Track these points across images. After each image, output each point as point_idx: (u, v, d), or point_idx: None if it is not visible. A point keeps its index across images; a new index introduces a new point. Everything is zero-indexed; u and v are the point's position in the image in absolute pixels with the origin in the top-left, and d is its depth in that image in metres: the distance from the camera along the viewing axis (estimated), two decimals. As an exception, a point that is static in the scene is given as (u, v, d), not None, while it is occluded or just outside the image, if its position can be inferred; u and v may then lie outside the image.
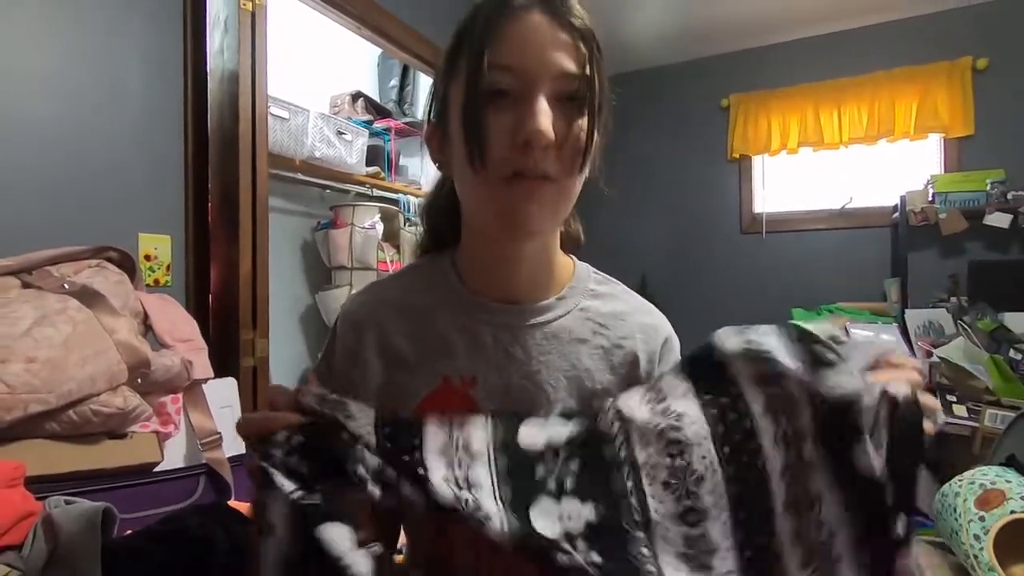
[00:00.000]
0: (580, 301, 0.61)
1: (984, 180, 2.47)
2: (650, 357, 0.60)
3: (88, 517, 0.52)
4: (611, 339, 0.60)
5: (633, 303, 0.64)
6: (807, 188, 3.08)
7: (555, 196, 0.52)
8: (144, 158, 1.33)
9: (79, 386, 0.87)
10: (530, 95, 0.49)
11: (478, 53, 0.49)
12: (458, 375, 0.57)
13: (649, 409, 0.48)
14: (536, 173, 0.50)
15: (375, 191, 2.57)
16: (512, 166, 0.50)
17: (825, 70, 2.92)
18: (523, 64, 0.49)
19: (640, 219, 3.28)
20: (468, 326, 0.58)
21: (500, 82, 0.49)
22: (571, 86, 0.50)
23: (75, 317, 0.91)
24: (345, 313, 0.62)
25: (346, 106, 2.61)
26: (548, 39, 0.49)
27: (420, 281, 0.63)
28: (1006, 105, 2.58)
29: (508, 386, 0.56)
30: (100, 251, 1.08)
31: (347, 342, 0.60)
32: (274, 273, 1.64)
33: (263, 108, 1.47)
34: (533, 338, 0.58)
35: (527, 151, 0.49)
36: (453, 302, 0.60)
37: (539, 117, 0.48)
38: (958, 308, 2.44)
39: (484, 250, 0.59)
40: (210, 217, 1.46)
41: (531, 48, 0.49)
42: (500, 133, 0.49)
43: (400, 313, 0.60)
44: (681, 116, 3.31)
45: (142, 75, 1.33)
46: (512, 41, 0.49)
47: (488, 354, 0.57)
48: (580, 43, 0.50)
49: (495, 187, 0.51)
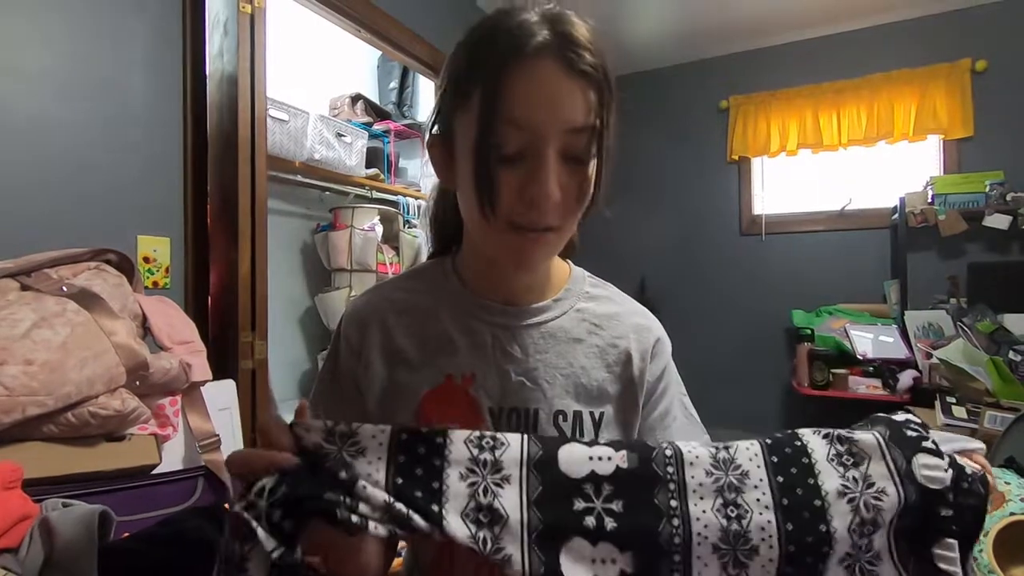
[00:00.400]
0: (576, 303, 0.63)
1: (983, 182, 2.47)
2: (642, 356, 0.61)
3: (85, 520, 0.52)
4: (606, 339, 0.62)
5: (627, 305, 0.66)
6: (806, 190, 3.08)
7: (557, 241, 0.54)
8: (143, 160, 1.34)
9: (77, 388, 0.87)
10: (539, 153, 0.49)
11: (489, 108, 0.48)
12: (459, 373, 0.58)
13: (710, 457, 0.44)
14: (540, 227, 0.51)
15: (374, 193, 2.57)
16: (518, 220, 0.51)
17: (824, 72, 2.92)
18: (532, 120, 0.48)
19: (639, 221, 3.28)
20: (469, 326, 0.60)
21: (510, 138, 0.49)
22: (580, 141, 0.49)
23: (73, 319, 0.91)
24: (349, 313, 0.64)
25: (346, 108, 2.61)
26: (558, 90, 0.48)
27: (423, 283, 0.65)
28: (1005, 106, 2.59)
29: (506, 383, 0.58)
30: (99, 253, 1.08)
31: (352, 341, 0.62)
32: (273, 275, 1.64)
33: (262, 110, 1.47)
34: (531, 337, 0.60)
35: (533, 207, 0.50)
36: (455, 303, 0.62)
37: (547, 182, 0.48)
38: (957, 310, 2.44)
39: (484, 260, 0.61)
40: (209, 219, 1.46)
41: (541, 102, 0.48)
42: (509, 189, 0.50)
43: (403, 313, 0.62)
44: (680, 118, 3.31)
45: (142, 77, 1.33)
46: (522, 94, 0.48)
47: (487, 352, 0.59)
48: (591, 91, 0.49)
49: (501, 232, 0.52)
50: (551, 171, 0.49)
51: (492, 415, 0.58)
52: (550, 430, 0.57)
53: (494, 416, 0.58)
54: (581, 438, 0.47)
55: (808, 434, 0.46)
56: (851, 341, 2.59)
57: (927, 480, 0.42)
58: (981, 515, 0.42)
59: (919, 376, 2.35)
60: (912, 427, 0.45)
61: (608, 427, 0.59)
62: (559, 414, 0.58)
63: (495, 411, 0.58)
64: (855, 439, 0.44)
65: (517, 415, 0.57)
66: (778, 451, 0.44)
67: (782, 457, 0.44)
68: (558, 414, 0.57)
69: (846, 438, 0.44)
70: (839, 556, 0.41)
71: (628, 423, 0.60)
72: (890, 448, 0.43)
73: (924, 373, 2.31)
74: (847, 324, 2.67)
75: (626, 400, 0.60)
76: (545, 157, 0.49)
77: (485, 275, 0.62)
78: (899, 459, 0.43)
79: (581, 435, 0.58)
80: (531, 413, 0.57)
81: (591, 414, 0.58)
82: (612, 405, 0.60)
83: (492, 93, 0.48)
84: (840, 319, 2.73)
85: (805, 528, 0.41)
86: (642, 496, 0.42)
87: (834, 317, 2.77)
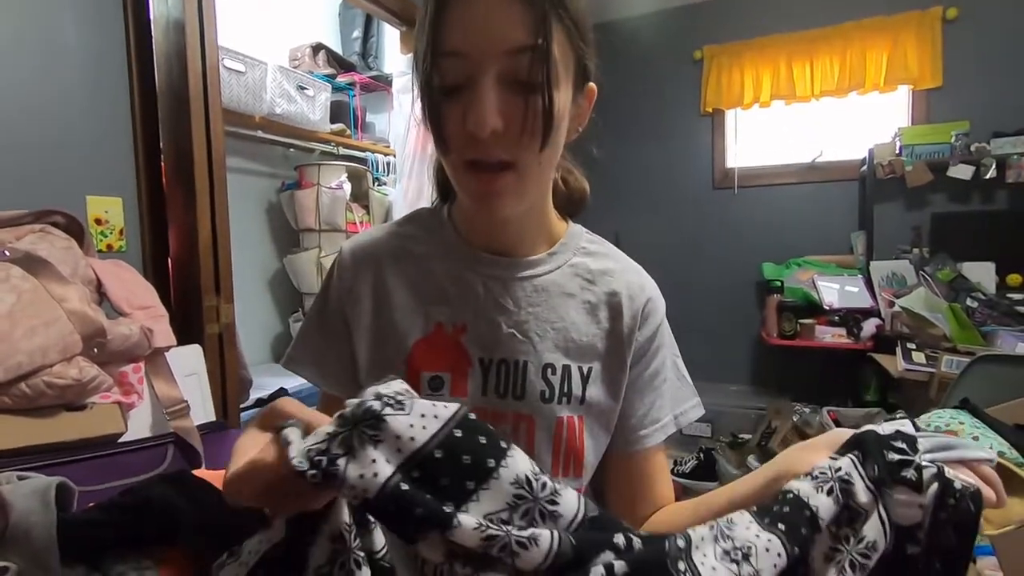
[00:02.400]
0: (571, 258, 0.63)
1: (949, 132, 2.50)
2: (633, 314, 0.61)
3: (40, 491, 0.50)
4: (598, 295, 0.62)
5: (622, 262, 0.66)
6: (778, 143, 3.08)
7: (517, 182, 0.52)
8: (87, 116, 1.25)
9: (29, 358, 0.83)
10: (474, 82, 0.47)
11: (427, 41, 0.48)
12: (450, 322, 0.59)
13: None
14: (492, 160, 0.49)
15: (341, 150, 2.48)
16: (466, 155, 0.50)
17: (798, 20, 2.87)
18: (466, 46, 0.47)
19: (612, 175, 3.25)
20: (461, 275, 0.60)
21: (448, 69, 0.48)
22: (522, 63, 0.47)
23: (19, 286, 0.86)
24: (343, 252, 0.64)
25: (307, 59, 2.48)
26: (497, 13, 0.46)
27: (418, 229, 0.65)
28: (974, 55, 2.59)
29: (497, 334, 0.58)
30: (43, 215, 1.02)
31: (344, 278, 0.62)
32: (240, 237, 1.58)
33: (214, 59, 1.38)
34: (523, 290, 0.60)
35: (477, 140, 0.48)
36: (448, 252, 0.62)
37: (479, 108, 0.46)
38: (920, 259, 2.51)
39: (471, 208, 0.60)
40: (164, 178, 1.39)
41: (475, 27, 0.46)
42: (454, 122, 0.49)
43: (397, 257, 0.62)
44: (654, 69, 3.24)
45: (77, 26, 1.23)
46: (456, 21, 0.47)
47: (479, 303, 0.59)
48: (532, 9, 0.46)
49: (460, 172, 0.52)
50: (485, 96, 0.47)
51: (482, 365, 0.58)
52: (538, 383, 0.57)
53: (484, 366, 0.58)
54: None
55: (812, 494, 0.40)
56: (818, 292, 2.65)
57: (899, 517, 0.40)
58: (969, 534, 0.40)
59: (881, 324, 2.43)
60: (897, 446, 0.41)
61: (595, 383, 0.59)
62: (548, 367, 0.58)
63: (484, 361, 0.58)
64: (855, 497, 0.40)
65: (506, 366, 0.58)
66: (770, 512, 0.40)
67: (776, 515, 0.39)
68: (547, 367, 0.58)
69: (848, 493, 0.40)
70: None
71: (615, 380, 0.60)
72: (878, 489, 0.40)
73: (887, 321, 2.39)
74: (815, 275, 2.73)
75: (614, 357, 0.60)
76: (481, 84, 0.47)
77: (474, 223, 0.61)
78: (885, 498, 0.40)
79: (568, 389, 0.58)
80: (520, 365, 0.57)
81: (579, 368, 0.59)
82: (600, 361, 0.60)
83: (431, 26, 0.47)
84: (808, 270, 2.79)
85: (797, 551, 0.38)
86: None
87: (803, 269, 2.82)
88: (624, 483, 0.62)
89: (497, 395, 0.57)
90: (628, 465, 0.62)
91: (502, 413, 0.57)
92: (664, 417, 0.62)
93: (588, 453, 0.58)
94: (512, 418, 0.57)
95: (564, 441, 0.57)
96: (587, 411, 0.59)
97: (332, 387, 0.62)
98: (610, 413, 0.60)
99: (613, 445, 0.62)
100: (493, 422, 0.56)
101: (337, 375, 0.62)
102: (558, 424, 0.57)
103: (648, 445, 0.61)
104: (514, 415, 0.57)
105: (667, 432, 0.62)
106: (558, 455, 0.57)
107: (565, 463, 0.57)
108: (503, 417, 0.57)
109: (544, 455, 0.57)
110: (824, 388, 2.69)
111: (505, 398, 0.57)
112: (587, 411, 0.59)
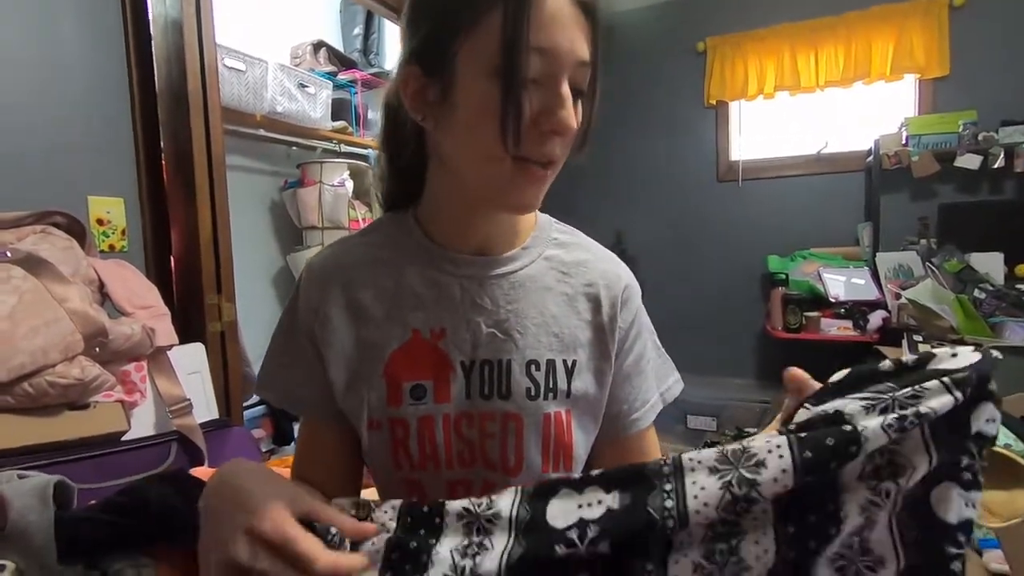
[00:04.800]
0: (544, 250, 0.62)
1: (957, 122, 2.46)
2: (612, 302, 0.61)
3: (38, 490, 0.51)
4: (574, 286, 0.61)
5: (595, 251, 0.65)
6: (783, 134, 3.05)
7: (551, 179, 0.54)
8: (88, 117, 1.25)
9: (31, 358, 0.84)
10: (556, 83, 0.49)
11: (515, 31, 0.47)
12: (427, 328, 0.57)
13: (716, 454, 0.40)
14: (545, 159, 0.51)
15: (343, 147, 2.48)
16: (527, 152, 0.50)
17: (802, 9, 2.84)
18: (554, 47, 0.48)
19: (614, 170, 3.23)
20: (435, 279, 0.59)
21: (532, 66, 0.48)
22: (584, 75, 0.50)
23: (21, 286, 0.87)
24: (309, 268, 0.62)
25: (308, 57, 2.48)
26: (573, 22, 0.48)
27: (384, 237, 0.63)
28: (982, 43, 2.56)
29: (477, 336, 0.57)
30: (44, 216, 1.02)
31: (311, 298, 0.60)
32: (243, 235, 1.59)
33: (212, 59, 1.38)
34: (500, 287, 0.59)
35: (548, 138, 0.50)
36: (419, 256, 0.60)
37: (568, 108, 0.49)
38: (927, 250, 2.49)
39: (453, 207, 0.59)
40: (165, 178, 1.40)
41: (562, 30, 0.48)
42: (530, 115, 0.49)
43: (366, 268, 0.60)
44: (657, 61, 3.22)
45: (77, 29, 1.23)
46: (547, 20, 0.47)
47: (456, 305, 0.58)
48: (593, 27, 0.50)
49: (505, 168, 0.51)
50: (569, 98, 0.49)
51: (464, 368, 0.57)
52: (523, 380, 0.56)
53: (465, 369, 0.57)
54: (573, 485, 0.43)
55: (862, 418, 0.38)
56: (824, 284, 2.63)
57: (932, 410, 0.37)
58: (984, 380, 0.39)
59: (888, 316, 2.41)
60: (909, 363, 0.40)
61: (581, 374, 0.59)
62: (531, 364, 0.57)
63: (467, 364, 0.57)
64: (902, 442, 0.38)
65: (490, 367, 0.57)
66: (815, 444, 0.37)
67: (818, 449, 0.37)
68: (531, 364, 0.57)
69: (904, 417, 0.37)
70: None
71: (600, 370, 0.60)
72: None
73: (893, 313, 2.37)
74: (820, 267, 2.71)
75: (597, 347, 0.60)
76: (562, 86, 0.49)
77: (458, 223, 0.59)
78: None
79: (554, 384, 0.57)
80: (504, 364, 0.57)
81: (564, 362, 0.58)
82: (584, 352, 0.59)
83: (518, 17, 0.47)
84: (813, 263, 2.77)
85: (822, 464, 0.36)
86: (632, 530, 0.39)
87: (808, 261, 2.80)
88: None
89: (482, 397, 0.56)
90: (622, 451, 0.62)
91: (489, 414, 0.56)
92: (652, 397, 0.63)
93: (578, 447, 0.58)
94: (499, 418, 0.56)
95: (553, 437, 0.57)
96: (574, 404, 0.58)
97: (304, 412, 0.61)
98: (597, 403, 0.60)
99: (604, 434, 0.62)
100: (480, 424, 0.56)
101: (309, 399, 0.60)
102: (546, 420, 0.56)
103: (641, 427, 0.62)
104: (501, 415, 0.56)
105: (656, 410, 0.63)
106: (547, 451, 0.57)
107: (555, 459, 0.57)
108: (490, 418, 0.56)
109: (533, 453, 0.56)
110: (830, 381, 2.67)
111: (491, 399, 0.56)
112: (574, 404, 0.58)
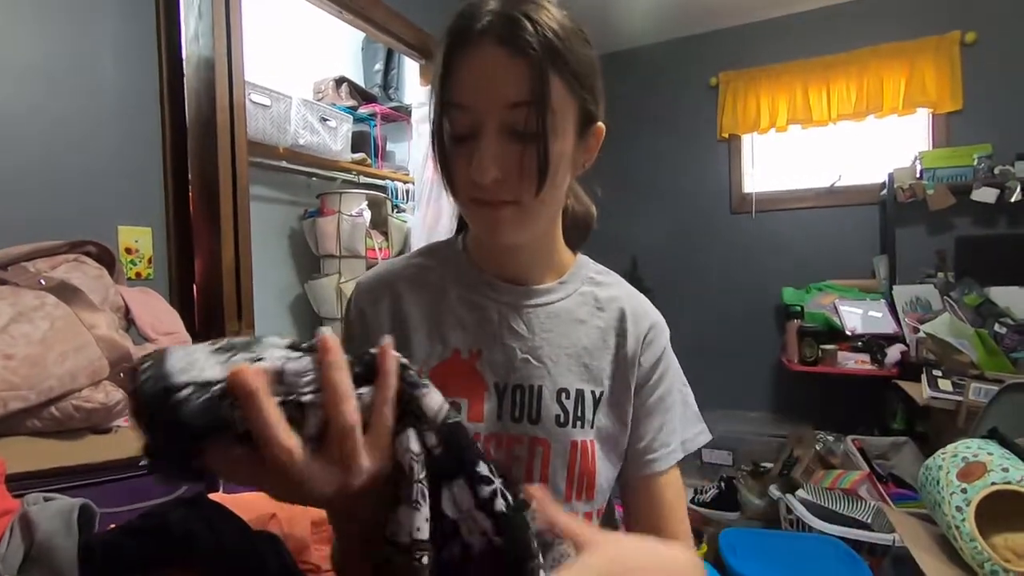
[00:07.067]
0: (580, 287, 0.66)
1: (972, 155, 2.47)
2: (636, 338, 0.63)
3: (64, 513, 0.52)
4: (607, 320, 0.64)
5: (627, 291, 0.68)
6: (796, 167, 3.07)
7: (519, 216, 0.55)
8: (121, 149, 1.31)
9: (60, 382, 0.86)
10: (479, 133, 0.52)
11: (440, 94, 0.54)
12: (467, 348, 0.61)
13: None
14: (495, 199, 0.54)
15: (361, 178, 2.54)
16: (471, 194, 0.55)
17: (813, 47, 2.89)
18: (472, 102, 0.52)
19: (629, 201, 3.26)
20: (476, 302, 0.63)
21: (457, 120, 0.53)
22: (519, 117, 0.51)
23: (53, 313, 0.90)
24: (359, 284, 0.67)
25: (330, 91, 2.57)
26: (499, 71, 0.51)
27: (434, 260, 0.68)
28: (994, 78, 2.57)
29: (512, 360, 0.60)
30: (77, 245, 1.07)
31: (363, 307, 0.64)
32: (262, 263, 1.63)
33: (241, 95, 1.45)
34: (536, 316, 0.62)
35: (483, 184, 0.53)
36: (463, 280, 0.64)
37: (481, 159, 0.51)
38: (945, 283, 2.46)
39: (482, 238, 0.63)
40: (192, 208, 1.45)
41: (480, 84, 0.51)
42: (461, 167, 0.54)
43: (413, 286, 0.64)
44: (670, 96, 3.28)
45: (116, 64, 1.30)
46: (464, 78, 0.52)
47: (494, 329, 0.61)
48: (531, 67, 0.50)
49: (467, 207, 0.57)
50: (486, 150, 0.51)
51: (497, 390, 0.59)
52: (553, 407, 0.59)
53: (499, 391, 0.59)
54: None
55: None
56: (840, 317, 2.61)
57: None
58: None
59: (906, 350, 2.37)
60: None
61: (603, 407, 0.61)
62: (562, 392, 0.59)
63: (500, 386, 0.59)
64: None
65: (522, 391, 0.59)
66: None
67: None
68: (561, 392, 0.59)
69: None
70: None
71: (620, 404, 0.62)
72: None
73: (911, 347, 2.34)
74: (836, 300, 2.69)
75: (619, 382, 0.62)
76: (483, 136, 0.52)
77: (491, 251, 0.64)
78: None
79: (582, 413, 0.59)
80: (535, 390, 0.59)
81: (592, 393, 0.60)
82: (608, 385, 0.61)
83: (442, 79, 0.53)
84: (829, 295, 2.75)
85: None
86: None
87: (823, 293, 2.78)
88: (644, 513, 0.63)
89: (512, 419, 0.58)
90: (644, 493, 0.62)
91: (517, 437, 0.58)
92: (673, 442, 0.63)
93: (600, 477, 0.59)
94: (528, 442, 0.58)
95: (578, 464, 0.58)
96: (597, 435, 0.60)
97: None
98: (618, 437, 0.61)
99: (625, 470, 0.63)
100: (507, 446, 0.58)
101: None
102: (572, 447, 0.58)
103: (658, 469, 0.61)
104: (529, 439, 0.58)
105: (676, 457, 0.63)
106: (572, 478, 0.58)
107: (579, 487, 0.58)
108: (518, 441, 0.58)
109: (559, 479, 0.57)
110: (848, 416, 2.61)
111: (520, 422, 0.58)
112: (597, 435, 0.60)
